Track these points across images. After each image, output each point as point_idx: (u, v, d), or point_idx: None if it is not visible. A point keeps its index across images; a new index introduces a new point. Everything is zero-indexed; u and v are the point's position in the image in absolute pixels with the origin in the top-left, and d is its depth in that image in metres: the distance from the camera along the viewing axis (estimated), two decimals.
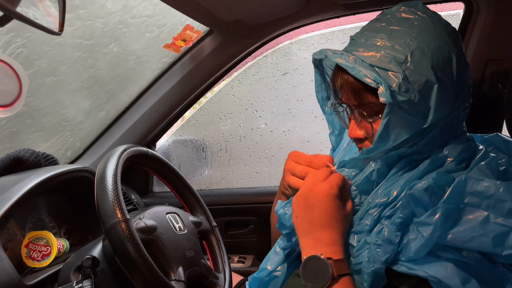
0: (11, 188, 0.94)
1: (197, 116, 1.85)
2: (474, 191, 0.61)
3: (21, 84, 0.72)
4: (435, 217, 0.60)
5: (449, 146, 0.71)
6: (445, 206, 0.60)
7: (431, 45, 0.68)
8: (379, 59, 0.68)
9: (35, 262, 1.01)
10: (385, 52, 0.68)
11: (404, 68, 0.67)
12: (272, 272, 0.86)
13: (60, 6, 0.73)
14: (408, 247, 0.64)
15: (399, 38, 0.69)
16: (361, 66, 0.69)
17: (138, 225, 0.84)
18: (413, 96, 0.66)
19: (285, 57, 1.79)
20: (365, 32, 0.74)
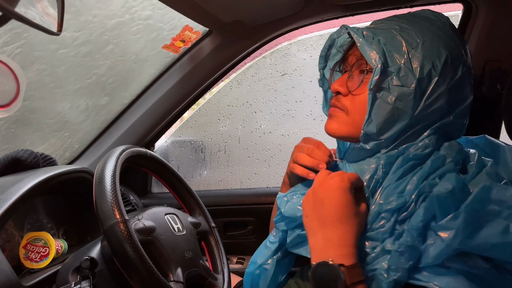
0: (9, 189, 0.94)
1: (196, 117, 1.85)
2: (498, 199, 0.58)
3: (18, 84, 0.72)
4: (457, 221, 0.58)
5: (444, 147, 0.72)
6: (467, 211, 0.58)
7: (445, 44, 0.72)
8: (389, 39, 0.72)
9: (33, 263, 1.01)
10: (398, 34, 0.72)
11: (412, 55, 0.70)
12: (261, 265, 0.87)
13: (59, 6, 0.72)
14: (426, 253, 0.61)
15: (416, 27, 0.73)
16: (370, 43, 0.72)
17: (136, 226, 0.84)
18: (409, 82, 0.69)
19: (284, 58, 1.79)
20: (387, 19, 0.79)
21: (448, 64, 0.71)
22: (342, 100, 0.78)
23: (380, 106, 0.71)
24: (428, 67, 0.70)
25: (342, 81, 0.78)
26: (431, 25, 0.75)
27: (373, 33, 0.74)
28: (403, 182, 0.68)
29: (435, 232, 0.60)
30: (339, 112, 0.78)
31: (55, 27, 0.71)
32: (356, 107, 0.75)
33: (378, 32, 0.74)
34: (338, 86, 0.78)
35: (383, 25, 0.77)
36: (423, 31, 0.73)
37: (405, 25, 0.74)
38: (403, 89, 0.70)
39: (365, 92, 0.73)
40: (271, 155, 1.76)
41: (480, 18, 1.11)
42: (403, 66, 0.70)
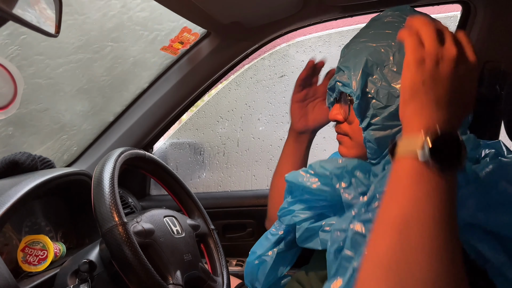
0: (7, 192, 0.93)
1: (194, 119, 1.85)
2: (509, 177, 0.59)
3: (16, 86, 0.71)
4: (471, 188, 0.59)
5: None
6: (480, 183, 0.60)
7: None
8: (360, 66, 0.74)
9: (32, 267, 1.00)
10: (367, 57, 0.74)
11: (386, 72, 0.72)
12: (261, 256, 0.87)
13: (57, 8, 0.72)
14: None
15: (383, 40, 0.74)
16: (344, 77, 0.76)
17: (135, 229, 0.83)
18: (391, 100, 0.71)
19: (283, 60, 1.79)
20: (353, 39, 0.81)
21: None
22: (342, 127, 0.82)
23: (372, 129, 0.74)
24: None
25: (337, 109, 0.82)
26: (396, 31, 0.70)
27: (346, 68, 0.77)
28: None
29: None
30: (343, 137, 0.83)
31: (53, 28, 0.71)
32: (355, 132, 0.79)
33: (349, 63, 0.77)
34: (334, 115, 0.83)
35: (351, 52, 0.78)
36: (390, 43, 0.73)
37: (371, 43, 0.75)
38: (388, 108, 0.72)
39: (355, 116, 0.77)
40: (270, 157, 1.76)
41: (478, 19, 1.11)
42: (380, 87, 0.72)
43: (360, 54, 0.75)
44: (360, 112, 0.75)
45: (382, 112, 0.72)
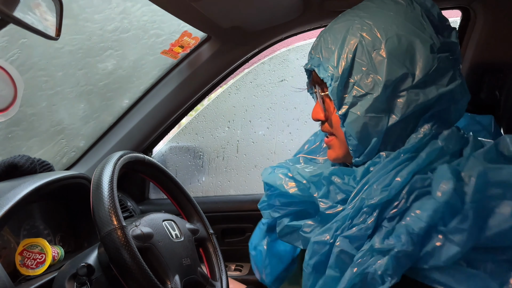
0: (5, 195, 0.93)
1: (194, 123, 1.85)
2: (497, 181, 0.56)
3: (16, 89, 0.71)
4: (467, 221, 0.55)
5: (443, 136, 0.67)
6: (474, 206, 0.55)
7: (415, 35, 0.67)
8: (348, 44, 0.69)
9: (29, 270, 1.00)
10: (358, 34, 0.69)
11: (375, 56, 0.67)
12: (256, 246, 0.87)
13: (57, 11, 0.72)
14: (434, 255, 0.56)
15: (379, 19, 0.69)
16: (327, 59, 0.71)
17: (134, 233, 0.83)
18: (375, 88, 0.67)
19: (283, 64, 1.80)
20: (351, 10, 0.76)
21: (419, 58, 0.67)
22: (326, 127, 0.79)
23: (351, 120, 0.70)
24: (395, 69, 0.66)
25: (317, 107, 0.79)
26: (398, 14, 0.69)
27: (331, 43, 0.71)
28: (389, 176, 0.63)
29: (445, 235, 0.56)
30: (331, 138, 0.79)
31: (53, 31, 0.71)
32: (337, 128, 0.75)
33: (337, 37, 0.71)
34: (314, 114, 0.80)
35: (342, 24, 0.72)
36: (387, 25, 0.68)
37: (367, 20, 0.69)
38: (370, 96, 0.67)
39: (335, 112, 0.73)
40: (269, 162, 1.76)
41: (478, 25, 1.12)
42: (365, 72, 0.68)
43: (354, 30, 0.70)
44: (337, 97, 0.70)
45: (363, 100, 0.68)
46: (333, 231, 0.65)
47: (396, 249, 0.57)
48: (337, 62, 0.69)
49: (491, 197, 0.56)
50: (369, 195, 0.63)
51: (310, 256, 0.67)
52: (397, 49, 0.66)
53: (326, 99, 0.76)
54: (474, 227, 0.55)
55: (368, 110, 0.68)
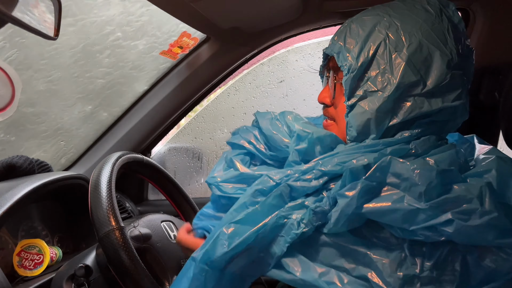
0: (3, 195, 0.93)
1: (193, 123, 1.84)
2: (395, 172, 0.62)
3: (14, 89, 0.71)
4: (356, 189, 0.62)
5: (419, 141, 0.69)
6: (365, 182, 0.62)
7: (436, 47, 0.69)
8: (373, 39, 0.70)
9: (27, 271, 1.00)
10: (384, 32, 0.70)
11: (395, 58, 0.68)
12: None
13: (56, 11, 0.72)
14: (330, 219, 0.64)
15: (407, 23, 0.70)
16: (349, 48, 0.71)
17: (132, 233, 0.83)
18: (387, 88, 0.68)
19: (282, 65, 1.80)
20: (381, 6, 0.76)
21: (435, 69, 0.68)
22: (329, 111, 0.80)
23: (356, 113, 0.71)
24: (410, 74, 0.68)
25: (325, 91, 0.80)
26: (426, 22, 0.70)
27: (356, 34, 0.72)
28: (352, 156, 0.68)
29: (337, 199, 0.64)
30: (330, 123, 0.80)
31: (52, 31, 0.71)
32: (340, 117, 0.76)
33: (363, 29, 0.72)
34: (321, 97, 0.80)
35: (371, 18, 0.73)
36: (413, 30, 0.69)
37: (396, 20, 0.70)
38: (380, 94, 0.69)
39: (343, 101, 0.74)
40: None
41: (477, 26, 1.12)
42: (381, 70, 0.69)
43: (381, 27, 0.70)
44: (350, 88, 0.71)
45: (373, 96, 0.69)
46: (283, 175, 0.71)
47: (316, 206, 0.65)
48: (358, 54, 0.70)
49: (388, 183, 0.63)
50: (325, 162, 0.69)
51: (258, 183, 0.72)
52: (417, 56, 0.68)
53: (337, 86, 0.77)
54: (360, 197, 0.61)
55: (375, 107, 0.69)
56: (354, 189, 0.62)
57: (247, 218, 0.66)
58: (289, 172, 0.71)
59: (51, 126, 1.36)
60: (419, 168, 0.61)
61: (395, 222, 0.61)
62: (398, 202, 0.60)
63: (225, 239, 0.64)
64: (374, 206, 0.62)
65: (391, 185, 0.62)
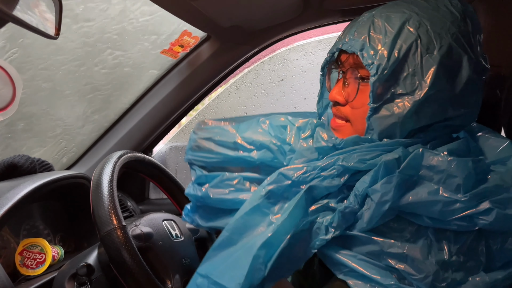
0: (5, 195, 0.93)
1: (194, 122, 1.84)
2: (429, 164, 0.62)
3: (15, 88, 0.71)
4: (391, 184, 0.60)
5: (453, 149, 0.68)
6: (400, 176, 0.61)
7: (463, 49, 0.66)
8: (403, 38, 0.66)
9: (29, 270, 1.00)
10: (414, 31, 0.65)
11: (425, 60, 0.65)
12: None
13: (57, 10, 0.72)
14: (361, 218, 0.63)
15: (436, 24, 0.66)
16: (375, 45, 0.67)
17: (134, 232, 0.83)
18: (417, 92, 0.65)
19: (283, 63, 1.79)
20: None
21: (461, 75, 0.66)
22: (342, 110, 0.74)
23: (381, 116, 0.67)
24: (440, 78, 0.64)
25: (339, 89, 0.73)
26: (453, 24, 0.66)
27: (383, 30, 0.66)
28: (373, 154, 0.66)
29: (371, 197, 0.62)
30: (342, 123, 0.74)
31: (52, 30, 0.71)
32: (357, 118, 0.71)
33: (391, 26, 0.66)
34: (335, 95, 0.73)
35: (398, 15, 0.67)
36: (442, 32, 0.65)
37: (424, 20, 0.66)
38: (409, 98, 0.65)
39: (364, 101, 0.69)
40: None
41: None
42: (411, 72, 0.65)
43: (412, 26, 0.65)
44: (376, 89, 0.66)
45: (400, 99, 0.65)
46: (301, 172, 0.67)
47: (345, 207, 0.63)
48: (389, 53, 0.65)
49: (420, 176, 0.62)
50: (346, 158, 0.66)
51: (271, 182, 0.69)
52: (447, 60, 0.65)
53: (352, 83, 0.72)
54: (395, 193, 0.60)
55: (402, 112, 0.65)
56: (391, 182, 0.60)
57: (277, 233, 0.63)
58: (305, 168, 0.68)
59: (52, 125, 1.36)
60: (454, 160, 0.61)
61: (432, 214, 0.60)
62: (435, 194, 0.60)
63: (260, 263, 0.61)
64: (411, 199, 0.60)
65: (424, 178, 0.62)
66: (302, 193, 0.65)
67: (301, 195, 0.65)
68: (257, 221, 0.66)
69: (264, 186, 0.69)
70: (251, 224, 0.66)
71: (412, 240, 0.61)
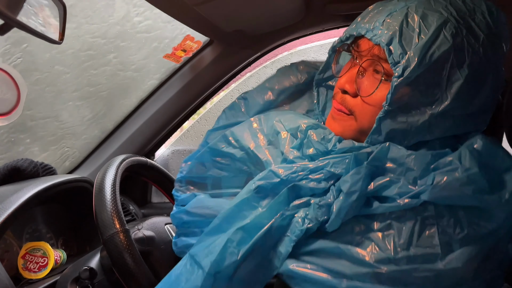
0: (8, 198, 0.93)
1: (196, 126, 1.85)
2: (392, 157, 0.62)
3: (19, 92, 0.72)
4: (359, 175, 0.61)
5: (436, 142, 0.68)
6: (367, 167, 0.62)
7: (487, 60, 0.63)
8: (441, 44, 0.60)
9: (32, 274, 1.00)
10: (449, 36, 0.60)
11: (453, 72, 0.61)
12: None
13: (61, 15, 0.73)
14: (332, 209, 0.62)
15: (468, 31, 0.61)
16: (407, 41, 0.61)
17: (136, 236, 0.83)
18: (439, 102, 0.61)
19: None
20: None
21: (482, 93, 0.63)
22: (349, 102, 0.68)
23: (393, 121, 0.64)
24: (463, 95, 0.61)
25: (351, 77, 0.67)
26: (487, 38, 0.62)
27: (418, 27, 0.61)
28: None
29: (341, 189, 0.62)
30: (343, 116, 0.70)
31: (56, 35, 0.72)
32: (366, 114, 0.67)
33: (429, 24, 0.60)
34: (346, 83, 0.67)
35: (436, 14, 0.61)
36: (476, 45, 0.61)
37: (461, 27, 0.60)
38: (428, 108, 0.62)
39: (378, 99, 0.64)
40: None
41: None
42: (436, 82, 0.60)
43: (450, 29, 0.60)
44: (396, 92, 0.61)
45: (419, 109, 0.62)
46: (289, 172, 0.67)
47: (319, 198, 0.64)
48: (420, 57, 0.59)
49: (385, 168, 0.63)
50: (336, 163, 0.66)
51: (260, 178, 0.68)
52: (474, 76, 0.61)
53: (369, 76, 0.66)
54: (363, 183, 0.61)
55: (417, 122, 0.63)
56: (359, 173, 0.61)
57: (254, 222, 0.64)
58: (295, 167, 0.67)
59: (55, 129, 1.36)
60: (413, 153, 0.61)
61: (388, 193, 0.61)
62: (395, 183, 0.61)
63: (233, 247, 0.62)
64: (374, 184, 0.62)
65: (388, 170, 0.63)
66: (285, 189, 0.66)
67: (284, 191, 0.66)
68: (245, 213, 0.67)
69: (255, 181, 0.69)
70: (239, 215, 0.66)
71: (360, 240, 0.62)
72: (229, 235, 0.63)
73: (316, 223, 0.63)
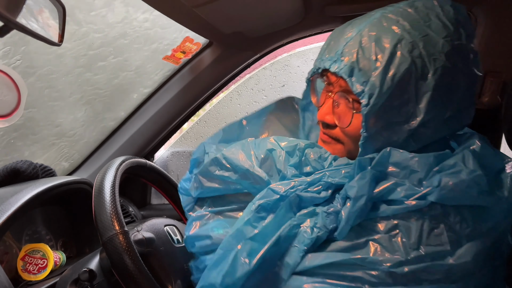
0: (8, 200, 0.93)
1: (195, 128, 1.85)
2: (395, 161, 0.63)
3: (20, 94, 0.72)
4: (365, 180, 0.61)
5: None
6: (372, 172, 0.62)
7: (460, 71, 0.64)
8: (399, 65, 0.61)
9: (31, 275, 1.00)
10: (408, 56, 0.61)
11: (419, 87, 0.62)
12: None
13: (60, 17, 0.73)
14: (340, 216, 0.63)
15: (428, 43, 0.62)
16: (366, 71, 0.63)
17: (136, 238, 0.83)
18: (411, 118, 0.64)
19: (284, 69, 1.80)
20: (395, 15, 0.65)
21: (459, 97, 0.64)
22: (332, 131, 0.72)
23: (375, 143, 0.66)
24: (436, 103, 0.62)
25: (328, 109, 0.70)
26: (446, 41, 0.62)
27: (373, 54, 0.62)
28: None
29: (348, 194, 0.63)
30: (333, 141, 0.73)
31: (56, 37, 0.72)
32: (349, 140, 0.70)
33: (382, 49, 0.61)
34: (325, 115, 0.71)
35: (389, 35, 0.62)
36: (436, 53, 0.61)
37: (417, 41, 0.61)
38: (404, 126, 0.64)
39: (356, 127, 0.67)
40: None
41: (479, 29, 1.12)
42: (405, 100, 0.62)
43: (404, 49, 0.61)
44: (368, 118, 0.63)
45: (395, 128, 0.65)
46: (288, 187, 0.68)
47: (327, 206, 0.65)
48: (381, 82, 0.61)
49: (388, 172, 0.63)
50: (332, 174, 0.67)
51: (260, 197, 0.69)
52: (442, 83, 0.62)
53: (343, 107, 0.69)
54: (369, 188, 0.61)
55: (397, 139, 0.65)
56: (365, 178, 0.61)
57: (262, 232, 0.64)
58: (293, 183, 0.68)
59: (54, 131, 1.37)
60: (416, 156, 0.62)
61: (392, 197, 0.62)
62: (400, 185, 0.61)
63: (244, 257, 0.62)
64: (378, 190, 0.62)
65: (391, 174, 0.63)
66: (287, 200, 0.66)
67: (287, 201, 0.66)
68: (246, 234, 0.66)
69: (254, 202, 0.69)
70: (241, 237, 0.66)
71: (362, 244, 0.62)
72: (236, 246, 0.63)
73: (326, 232, 0.63)
